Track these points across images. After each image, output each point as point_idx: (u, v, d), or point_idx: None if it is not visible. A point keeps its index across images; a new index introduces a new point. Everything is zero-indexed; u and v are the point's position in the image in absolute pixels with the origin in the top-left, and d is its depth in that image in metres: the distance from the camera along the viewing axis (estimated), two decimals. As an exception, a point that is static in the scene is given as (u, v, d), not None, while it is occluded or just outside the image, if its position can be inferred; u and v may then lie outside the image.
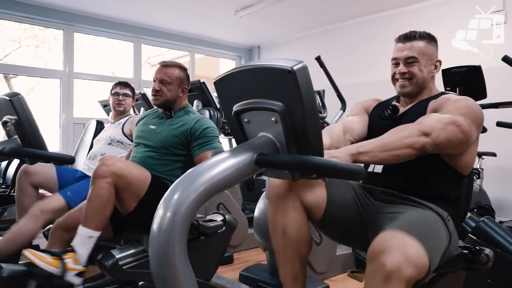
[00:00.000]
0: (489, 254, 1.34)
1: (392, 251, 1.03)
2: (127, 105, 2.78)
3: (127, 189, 1.71)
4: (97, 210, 1.65)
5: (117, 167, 1.67)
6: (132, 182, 1.71)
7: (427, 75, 1.49)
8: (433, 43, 1.51)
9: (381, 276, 1.01)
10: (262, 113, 0.86)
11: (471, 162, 1.40)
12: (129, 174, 1.71)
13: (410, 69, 1.48)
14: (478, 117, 1.33)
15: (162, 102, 2.02)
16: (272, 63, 0.81)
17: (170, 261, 0.72)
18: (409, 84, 1.49)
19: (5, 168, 3.33)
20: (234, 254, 3.00)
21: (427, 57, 1.48)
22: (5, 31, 5.60)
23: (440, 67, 1.53)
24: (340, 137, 1.46)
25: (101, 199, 1.64)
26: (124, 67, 6.20)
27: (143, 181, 1.76)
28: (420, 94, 1.52)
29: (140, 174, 1.77)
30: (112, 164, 1.67)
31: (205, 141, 1.91)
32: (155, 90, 2.01)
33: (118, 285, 2.01)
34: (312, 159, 0.80)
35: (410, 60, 1.47)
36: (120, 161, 1.75)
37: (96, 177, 1.66)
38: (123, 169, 1.69)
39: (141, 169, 1.83)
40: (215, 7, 4.95)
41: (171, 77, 2.02)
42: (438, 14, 4.54)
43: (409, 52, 1.47)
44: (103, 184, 1.64)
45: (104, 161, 1.68)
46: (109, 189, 1.65)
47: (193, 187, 0.75)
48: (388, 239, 1.08)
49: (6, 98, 1.68)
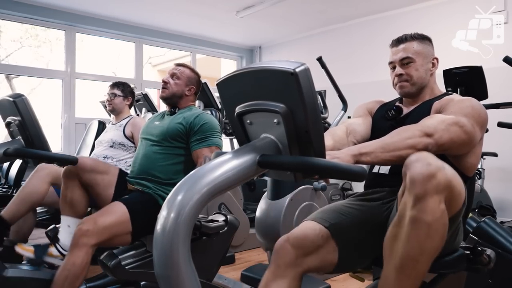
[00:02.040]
0: (491, 254, 1.34)
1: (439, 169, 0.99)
2: (115, 104, 2.79)
3: (115, 237, 1.72)
4: (67, 279, 1.63)
5: (95, 232, 1.65)
6: (113, 230, 1.71)
7: (424, 74, 1.49)
8: (426, 42, 1.52)
9: (426, 172, 0.98)
10: (264, 114, 0.87)
11: (475, 163, 1.39)
12: (108, 227, 1.69)
13: (406, 70, 1.49)
14: (482, 117, 1.32)
15: (168, 95, 2.07)
16: (275, 65, 0.82)
17: (174, 261, 0.73)
18: (408, 84, 1.50)
19: (8, 168, 3.34)
20: (236, 254, 3.01)
21: (422, 56, 1.49)
22: (7, 32, 5.62)
23: (437, 65, 1.53)
24: (343, 139, 1.45)
25: (76, 267, 1.63)
26: (125, 67, 6.22)
27: (123, 221, 1.74)
28: (422, 94, 1.52)
29: (116, 216, 1.75)
30: (90, 225, 1.66)
31: (203, 137, 1.91)
32: (163, 82, 2.09)
33: (120, 285, 2.02)
34: (314, 160, 0.80)
35: (405, 61, 1.49)
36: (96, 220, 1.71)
37: (75, 245, 1.64)
38: (101, 227, 1.67)
39: (114, 209, 1.79)
40: (216, 7, 4.96)
41: (182, 74, 2.10)
42: (439, 14, 4.54)
43: (403, 54, 1.49)
44: (80, 253, 1.63)
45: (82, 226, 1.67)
46: (85, 259, 1.64)
47: (197, 188, 0.76)
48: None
49: (10, 99, 1.69)
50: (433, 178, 0.98)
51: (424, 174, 0.99)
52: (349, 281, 2.50)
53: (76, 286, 1.65)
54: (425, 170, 0.99)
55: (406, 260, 1.01)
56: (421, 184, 0.99)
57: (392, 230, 1.06)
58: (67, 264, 1.64)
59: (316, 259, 1.25)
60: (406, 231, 1.01)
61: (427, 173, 0.99)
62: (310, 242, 1.24)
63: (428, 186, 0.98)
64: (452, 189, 1.02)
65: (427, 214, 0.98)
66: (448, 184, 1.01)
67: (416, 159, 1.03)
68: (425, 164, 1.00)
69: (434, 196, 0.99)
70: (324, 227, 1.28)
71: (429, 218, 0.98)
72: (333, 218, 1.32)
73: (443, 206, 1.00)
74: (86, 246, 1.64)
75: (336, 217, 1.34)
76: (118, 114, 2.80)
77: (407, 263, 1.01)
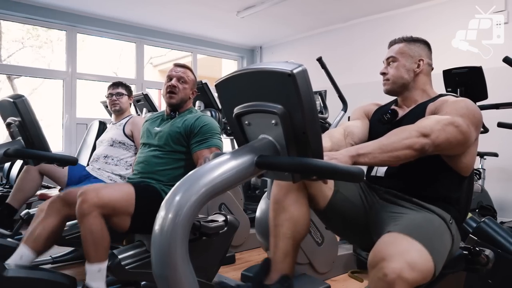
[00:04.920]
0: (490, 255, 1.35)
1: (393, 258, 1.02)
2: (122, 103, 2.79)
3: (115, 213, 1.71)
4: (95, 245, 1.65)
5: (97, 199, 1.65)
6: (117, 206, 1.71)
7: (406, 73, 1.53)
8: (416, 44, 1.56)
9: (384, 284, 1.01)
10: (262, 115, 0.87)
11: (471, 163, 1.41)
12: (111, 200, 1.70)
13: (388, 70, 1.56)
14: (477, 118, 1.34)
15: (178, 101, 2.03)
16: (272, 66, 0.82)
17: (172, 262, 0.73)
18: (388, 83, 1.56)
19: (9, 169, 3.35)
20: (236, 254, 3.01)
21: (406, 56, 1.53)
22: (9, 32, 5.63)
23: (424, 66, 1.54)
24: (341, 140, 1.46)
25: (95, 234, 1.64)
26: (126, 68, 6.23)
27: (128, 200, 1.75)
28: (411, 95, 1.55)
29: (122, 194, 1.76)
30: (92, 198, 1.65)
31: (203, 139, 1.92)
32: (172, 86, 2.01)
33: (120, 285, 2.03)
34: (312, 161, 0.80)
35: (389, 60, 1.57)
36: (99, 189, 1.71)
37: (83, 215, 1.64)
38: (104, 197, 1.68)
39: (121, 187, 1.82)
40: (217, 7, 4.97)
41: (188, 77, 2.07)
42: (439, 14, 4.54)
43: (390, 53, 1.57)
44: (91, 220, 1.64)
45: (84, 197, 1.66)
46: (99, 222, 1.65)
47: (195, 189, 0.76)
48: (390, 245, 1.07)
49: (10, 100, 1.69)
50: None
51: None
52: (349, 281, 2.50)
53: (105, 245, 1.67)
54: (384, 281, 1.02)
55: None
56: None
57: None
58: (85, 236, 1.65)
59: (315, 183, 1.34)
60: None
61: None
62: None
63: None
64: (423, 278, 1.06)
65: None
66: (416, 278, 1.03)
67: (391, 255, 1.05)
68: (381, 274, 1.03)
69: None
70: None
71: None
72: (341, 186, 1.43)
73: None
74: (93, 211, 1.63)
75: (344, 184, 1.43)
76: (121, 114, 2.80)
77: None
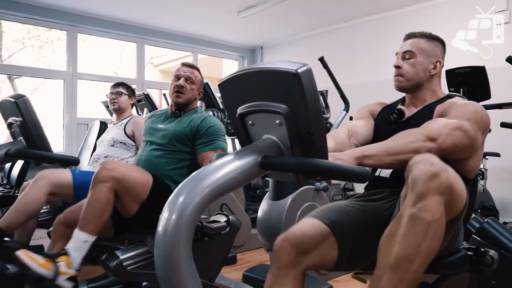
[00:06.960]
0: (494, 255, 1.34)
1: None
2: (121, 102, 2.79)
3: (128, 193, 1.70)
4: (94, 215, 1.63)
5: (117, 171, 1.66)
6: (133, 186, 1.70)
7: (422, 72, 1.48)
8: (436, 42, 1.51)
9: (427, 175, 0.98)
10: (266, 115, 0.86)
11: (477, 166, 1.39)
12: (130, 179, 1.70)
13: (404, 64, 1.49)
14: (485, 122, 1.31)
15: (185, 101, 2.01)
16: (277, 65, 0.82)
17: (176, 263, 0.72)
18: (403, 79, 1.50)
19: (9, 169, 3.34)
20: (238, 254, 3.00)
21: (425, 54, 1.48)
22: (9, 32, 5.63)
23: (439, 68, 1.52)
24: (345, 140, 1.44)
25: (99, 203, 1.63)
26: (127, 68, 6.23)
27: (145, 185, 1.75)
28: (421, 94, 1.52)
29: (141, 177, 1.76)
30: (113, 169, 1.66)
31: (208, 140, 1.90)
32: (180, 85, 2.00)
33: (122, 285, 2.02)
34: (317, 162, 0.80)
35: (407, 55, 1.49)
36: (122, 165, 1.73)
37: (97, 181, 1.64)
38: (124, 173, 1.68)
39: (142, 172, 1.82)
40: (218, 7, 4.96)
41: (196, 78, 2.05)
42: (439, 14, 4.53)
43: (408, 47, 1.50)
44: (103, 188, 1.63)
45: (105, 165, 1.66)
46: (109, 194, 1.64)
47: (198, 190, 0.75)
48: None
49: (12, 100, 1.69)
50: (435, 177, 0.98)
51: (427, 173, 0.98)
52: (351, 282, 2.49)
53: (103, 220, 1.65)
54: (428, 170, 0.99)
55: (401, 259, 0.99)
56: (424, 183, 0.98)
57: (390, 228, 1.04)
58: (91, 200, 1.64)
59: (316, 256, 1.24)
60: (404, 229, 0.99)
61: (430, 173, 0.98)
62: (309, 239, 1.22)
63: (430, 185, 0.98)
64: (453, 191, 1.02)
65: (427, 212, 0.97)
66: (450, 185, 1.00)
67: (419, 160, 1.03)
68: (428, 164, 1.00)
69: (435, 195, 0.98)
70: (324, 223, 1.27)
71: (429, 217, 0.97)
72: (333, 216, 1.31)
73: (442, 209, 1.00)
74: (108, 182, 1.63)
75: (336, 215, 1.33)
76: (121, 113, 2.80)
77: (401, 263, 0.98)
